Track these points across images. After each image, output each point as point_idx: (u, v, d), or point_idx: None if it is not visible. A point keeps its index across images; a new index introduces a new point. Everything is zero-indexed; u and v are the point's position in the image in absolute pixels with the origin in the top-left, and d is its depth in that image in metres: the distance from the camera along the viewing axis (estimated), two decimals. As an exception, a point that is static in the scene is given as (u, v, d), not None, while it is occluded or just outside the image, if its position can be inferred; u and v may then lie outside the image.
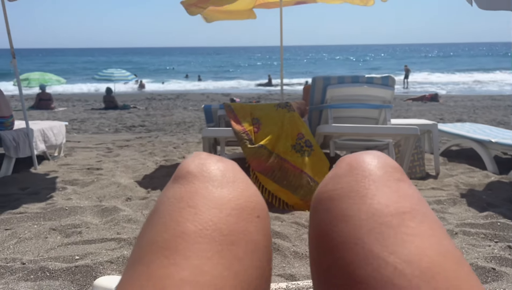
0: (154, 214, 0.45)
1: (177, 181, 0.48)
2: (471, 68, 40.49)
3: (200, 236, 0.40)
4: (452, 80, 29.07)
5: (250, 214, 0.45)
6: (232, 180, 0.48)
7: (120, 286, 0.39)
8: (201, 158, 0.50)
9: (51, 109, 12.59)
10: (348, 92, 3.52)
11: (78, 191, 3.32)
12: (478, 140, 4.09)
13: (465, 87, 24.07)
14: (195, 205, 0.43)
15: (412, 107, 12.15)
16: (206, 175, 0.47)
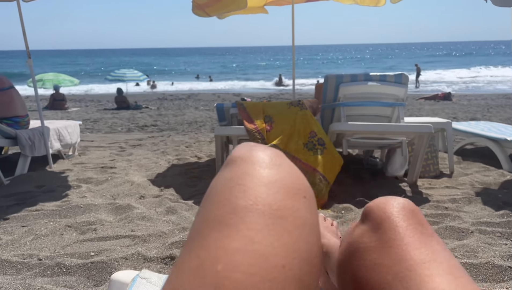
0: (207, 196, 0.48)
1: (228, 165, 0.51)
2: (483, 65, 39.88)
3: (250, 211, 0.43)
4: (464, 79, 28.68)
5: (296, 194, 0.47)
6: (278, 163, 0.50)
7: (180, 258, 0.42)
8: (250, 145, 0.54)
9: (65, 110, 12.75)
10: (360, 90, 3.49)
11: (93, 189, 3.36)
12: (494, 139, 4.03)
13: (478, 86, 23.73)
14: (244, 184, 0.46)
15: (424, 106, 12.02)
16: (254, 159, 0.50)
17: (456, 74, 32.69)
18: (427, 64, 44.22)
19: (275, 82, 27.90)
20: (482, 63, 44.56)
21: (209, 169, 4.08)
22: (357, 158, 4.60)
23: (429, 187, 3.44)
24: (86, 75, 37.05)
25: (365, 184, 3.53)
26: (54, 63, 60.67)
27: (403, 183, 3.57)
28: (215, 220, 0.43)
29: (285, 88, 24.23)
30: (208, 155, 4.82)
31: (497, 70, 34.17)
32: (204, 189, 3.38)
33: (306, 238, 0.43)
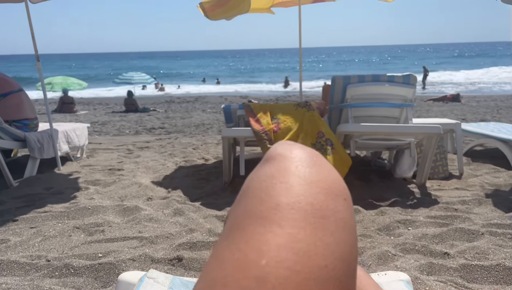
0: (246, 191, 0.48)
1: (267, 162, 0.50)
2: (492, 66, 39.53)
3: (293, 208, 0.42)
4: (473, 80, 28.45)
5: (337, 195, 0.46)
6: (319, 163, 0.50)
7: (217, 249, 0.42)
8: (289, 144, 0.53)
9: (74, 112, 12.86)
10: (368, 91, 3.47)
11: (100, 191, 3.37)
12: (504, 140, 3.98)
13: (487, 87, 23.51)
14: (287, 181, 0.46)
15: (433, 107, 11.93)
16: (294, 157, 0.49)
17: (465, 75, 32.43)
18: (436, 65, 43.94)
19: (282, 85, 27.89)
20: (492, 64, 44.18)
21: (216, 171, 4.08)
22: (365, 159, 4.57)
23: (438, 189, 3.40)
24: (94, 78, 37.35)
25: (373, 186, 3.50)
26: (63, 67, 61.28)
27: (412, 184, 3.54)
28: (257, 215, 0.43)
29: (292, 90, 24.21)
30: (215, 157, 4.82)
31: (507, 71, 33.83)
32: (212, 191, 3.38)
33: (347, 240, 0.43)
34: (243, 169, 3.35)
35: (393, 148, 3.85)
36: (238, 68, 53.57)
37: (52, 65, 65.03)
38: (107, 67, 61.21)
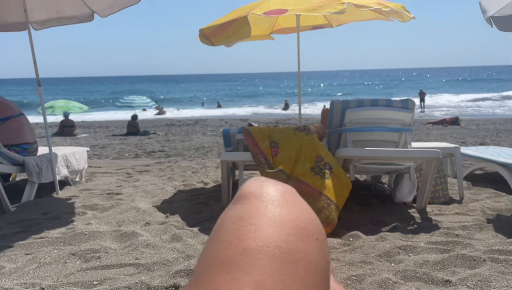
0: (216, 232, 0.47)
1: (238, 202, 0.49)
2: (491, 90, 39.88)
3: (261, 253, 0.41)
4: (472, 103, 28.63)
5: (309, 236, 0.45)
6: (291, 201, 0.49)
7: None
8: (261, 181, 0.52)
9: (74, 136, 12.89)
10: (367, 115, 3.49)
11: (98, 216, 3.34)
12: (504, 164, 3.97)
13: (487, 110, 23.64)
14: (256, 223, 0.45)
15: (432, 131, 11.96)
16: (266, 196, 0.48)
17: (464, 98, 32.65)
18: (435, 89, 44.28)
19: (282, 107, 28.08)
20: (491, 88, 44.56)
21: (216, 195, 4.06)
22: (365, 183, 4.55)
23: (439, 214, 3.37)
24: (95, 101, 37.63)
25: (373, 211, 3.47)
26: (65, 90, 61.84)
27: (412, 209, 3.51)
28: (224, 260, 0.42)
29: (292, 113, 24.34)
30: (215, 180, 4.80)
31: (506, 95, 34.09)
32: (210, 216, 3.35)
33: (317, 285, 0.42)
34: (242, 194, 3.33)
35: (392, 173, 3.83)
36: (238, 91, 54.04)
37: (55, 88, 65.61)
38: (108, 90, 61.76)
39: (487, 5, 3.92)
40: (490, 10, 3.78)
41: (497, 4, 3.88)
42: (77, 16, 4.63)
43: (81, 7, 4.54)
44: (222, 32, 3.85)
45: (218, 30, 3.90)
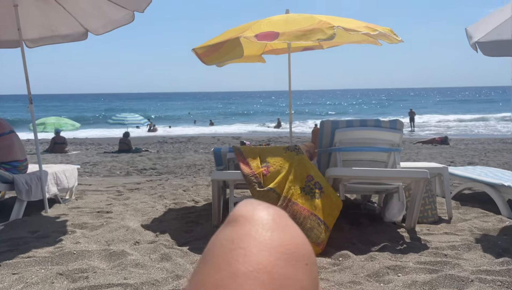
0: (206, 255, 0.47)
1: (230, 224, 0.49)
2: (479, 111, 40.55)
3: (250, 278, 0.41)
4: (460, 123, 29.03)
5: (299, 261, 0.45)
6: (282, 225, 0.49)
7: None
8: (252, 204, 0.52)
9: (65, 153, 12.80)
10: (356, 135, 3.54)
11: (87, 234, 3.32)
12: (491, 184, 4.03)
13: (475, 130, 23.98)
14: (246, 247, 0.45)
15: (422, 150, 12.08)
16: (257, 219, 0.48)
17: (453, 118, 33.10)
18: (425, 108, 44.87)
19: (274, 125, 28.22)
20: (479, 108, 45.30)
21: (206, 213, 4.05)
22: (355, 202, 4.57)
23: (428, 233, 3.40)
24: (88, 118, 37.51)
25: (363, 230, 3.49)
26: (58, 107, 61.61)
27: (401, 228, 3.53)
28: (213, 284, 0.41)
29: (284, 131, 24.45)
30: (206, 199, 4.79)
31: (494, 115, 34.65)
32: (201, 235, 3.34)
33: None
34: (232, 213, 3.33)
35: (382, 192, 3.87)
36: (230, 109, 54.27)
37: (47, 105, 65.33)
38: (101, 108, 61.66)
39: (472, 32, 4.04)
40: (476, 36, 3.90)
41: (482, 30, 4.00)
42: (71, 34, 4.67)
43: (75, 26, 4.59)
44: (214, 52, 3.91)
45: (210, 50, 3.96)
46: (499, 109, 42.35)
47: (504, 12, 4.19)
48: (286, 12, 4.45)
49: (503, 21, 4.01)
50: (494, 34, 3.96)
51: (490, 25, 4.09)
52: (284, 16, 4.27)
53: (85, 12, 4.43)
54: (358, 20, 4.10)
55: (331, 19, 3.87)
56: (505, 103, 53.90)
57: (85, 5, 4.33)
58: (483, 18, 4.39)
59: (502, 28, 3.94)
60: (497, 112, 37.91)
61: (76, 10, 4.41)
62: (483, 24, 4.20)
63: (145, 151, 13.14)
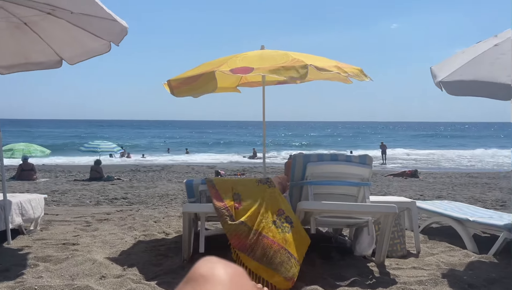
0: None
1: (189, 283, 0.52)
2: (447, 145, 42.03)
3: None
4: (430, 156, 29.90)
5: None
6: (240, 284, 0.52)
7: None
8: (213, 262, 0.54)
9: (33, 180, 12.40)
10: (327, 169, 3.61)
11: (51, 268, 3.19)
12: (457, 219, 4.14)
13: (443, 164, 24.75)
14: None
15: (393, 182, 12.35)
16: (216, 279, 0.51)
17: (423, 152, 34.07)
18: (397, 142, 46.07)
19: (249, 156, 28.28)
20: (448, 143, 46.92)
21: (176, 246, 3.98)
22: (327, 235, 4.60)
23: (397, 268, 3.44)
24: (59, 145, 36.62)
25: (334, 264, 3.50)
26: (29, 133, 59.98)
27: (371, 262, 3.57)
28: None
29: (259, 162, 24.51)
30: (177, 231, 4.72)
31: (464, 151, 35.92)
32: (170, 269, 3.28)
33: None
34: (202, 247, 3.30)
35: (352, 226, 3.92)
36: (205, 138, 54.20)
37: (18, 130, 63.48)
38: (73, 134, 60.43)
39: (437, 71, 4.26)
40: (440, 75, 4.10)
41: (446, 70, 4.22)
42: (45, 62, 4.64)
43: (50, 54, 4.56)
44: (188, 85, 3.96)
45: (184, 83, 4.00)
46: (466, 144, 44.04)
47: (465, 54, 4.45)
48: (262, 48, 4.58)
49: (465, 63, 4.25)
50: (456, 74, 4.18)
51: (453, 65, 4.32)
52: (260, 52, 4.39)
53: (61, 41, 4.42)
54: (330, 59, 4.25)
55: (304, 57, 4.01)
56: (472, 138, 56.18)
57: (61, 34, 4.33)
58: (447, 59, 4.64)
59: (464, 70, 4.17)
60: (464, 147, 39.38)
61: (52, 39, 4.40)
62: (446, 65, 4.43)
63: (117, 179, 12.89)
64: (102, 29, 4.10)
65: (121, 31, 4.00)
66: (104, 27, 4.02)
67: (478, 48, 4.11)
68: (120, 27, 3.91)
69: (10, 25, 4.27)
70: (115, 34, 4.07)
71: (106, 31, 4.12)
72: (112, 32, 4.06)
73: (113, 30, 4.01)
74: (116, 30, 4.00)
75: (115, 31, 4.02)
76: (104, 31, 4.14)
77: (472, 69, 3.95)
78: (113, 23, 3.79)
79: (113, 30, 4.02)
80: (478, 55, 3.93)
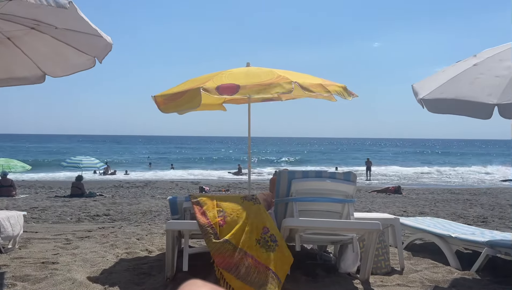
0: None
1: None
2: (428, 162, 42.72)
3: None
4: (413, 173, 30.29)
5: None
6: None
7: None
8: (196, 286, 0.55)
9: (12, 196, 12.09)
10: (312, 186, 3.62)
11: (29, 288, 3.10)
12: (439, 235, 4.19)
13: (426, 181, 25.09)
14: None
15: (377, 199, 12.44)
16: None
17: (404, 168, 34.49)
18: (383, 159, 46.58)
19: (234, 172, 28.20)
20: (428, 160, 47.69)
21: (159, 264, 3.91)
22: (311, 252, 4.58)
23: (381, 285, 3.44)
24: (40, 161, 35.92)
25: (319, 281, 3.49)
26: (10, 147, 58.76)
27: (356, 280, 3.56)
28: None
29: (244, 178, 24.44)
30: (160, 248, 4.64)
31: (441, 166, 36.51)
32: (152, 287, 3.22)
33: None
34: (186, 265, 3.25)
35: (337, 243, 3.92)
36: (189, 154, 53.92)
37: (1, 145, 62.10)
38: (55, 149, 59.40)
39: (418, 88, 4.35)
40: (421, 93, 4.19)
41: (427, 88, 4.32)
42: (28, 77, 4.58)
43: (33, 69, 4.51)
44: (173, 101, 3.96)
45: (170, 99, 4.00)
46: (447, 160, 44.85)
47: (445, 72, 4.57)
48: (247, 65, 4.62)
49: (445, 81, 4.37)
50: (437, 92, 4.28)
51: (434, 84, 4.43)
52: (245, 69, 4.43)
53: (44, 56, 4.38)
54: (314, 76, 4.31)
55: (289, 74, 4.06)
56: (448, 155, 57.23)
57: (45, 49, 4.29)
58: (428, 77, 4.76)
59: (444, 88, 4.27)
60: (445, 163, 40.09)
61: (35, 54, 4.36)
62: (428, 82, 4.54)
63: (100, 195, 12.67)
64: (86, 45, 4.09)
65: (105, 46, 3.99)
66: (89, 42, 4.00)
67: (458, 67, 4.23)
68: (104, 43, 3.90)
69: (-7, 40, 4.22)
70: (100, 50, 4.06)
71: (90, 47, 4.10)
72: (97, 47, 4.05)
73: (98, 46, 4.00)
74: (100, 46, 3.99)
75: (99, 46, 4.01)
76: (88, 47, 4.12)
77: (452, 88, 4.04)
78: (98, 38, 3.78)
79: (97, 46, 4.01)
80: (457, 74, 4.03)
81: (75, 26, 3.72)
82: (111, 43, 3.92)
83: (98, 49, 4.05)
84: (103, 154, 45.27)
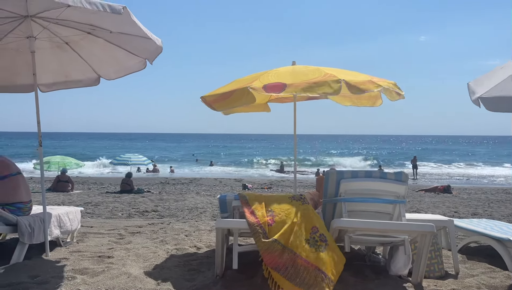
0: None
1: None
2: (481, 160, 40.60)
3: None
4: (462, 172, 28.96)
5: None
6: None
7: None
8: None
9: (67, 192, 12.78)
10: (361, 186, 3.55)
11: (88, 281, 3.26)
12: (497, 238, 3.98)
13: (477, 180, 23.90)
14: None
15: (425, 198, 12.00)
16: None
17: (455, 167, 33.06)
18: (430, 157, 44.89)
19: (277, 169, 28.23)
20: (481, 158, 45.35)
21: (208, 261, 3.99)
22: (360, 253, 4.50)
23: (435, 289, 3.32)
24: (92, 157, 37.69)
25: (368, 283, 3.42)
26: (64, 146, 62.09)
27: (408, 283, 3.46)
28: None
29: (286, 175, 24.40)
30: (208, 245, 4.74)
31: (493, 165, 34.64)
32: (203, 284, 3.28)
33: None
34: (235, 263, 3.29)
35: (387, 244, 3.82)
36: (234, 151, 54.50)
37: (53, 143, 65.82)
38: (106, 147, 62.09)
39: (475, 87, 4.15)
40: (479, 91, 4.00)
41: (486, 86, 4.11)
42: (84, 80, 4.82)
43: (88, 72, 4.74)
44: (224, 100, 4.01)
45: (220, 98, 4.06)
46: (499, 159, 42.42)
47: (504, 69, 4.33)
48: (293, 64, 4.60)
49: (504, 78, 4.13)
50: (496, 90, 4.06)
51: (492, 81, 4.20)
52: (291, 67, 4.41)
53: (99, 59, 4.59)
54: (363, 74, 4.22)
55: (337, 72, 4.00)
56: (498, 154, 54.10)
57: (99, 53, 4.49)
58: (485, 74, 4.52)
59: (504, 85, 4.05)
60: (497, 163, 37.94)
61: (91, 57, 4.58)
62: (485, 80, 4.32)
63: (147, 192, 13.11)
64: (138, 47, 4.24)
65: (155, 49, 4.12)
66: (141, 45, 4.15)
67: (518, 63, 3.99)
68: (155, 46, 4.02)
69: (52, 45, 4.47)
70: (150, 52, 4.19)
71: (142, 49, 4.25)
72: (148, 50, 4.19)
73: (149, 48, 4.14)
74: (151, 48, 4.12)
75: (150, 49, 4.14)
76: (140, 49, 4.27)
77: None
78: (148, 41, 3.91)
79: (148, 48, 4.14)
80: (518, 70, 3.81)
81: (128, 30, 3.87)
82: (161, 46, 4.04)
83: (149, 51, 4.18)
84: (150, 152, 46.73)
